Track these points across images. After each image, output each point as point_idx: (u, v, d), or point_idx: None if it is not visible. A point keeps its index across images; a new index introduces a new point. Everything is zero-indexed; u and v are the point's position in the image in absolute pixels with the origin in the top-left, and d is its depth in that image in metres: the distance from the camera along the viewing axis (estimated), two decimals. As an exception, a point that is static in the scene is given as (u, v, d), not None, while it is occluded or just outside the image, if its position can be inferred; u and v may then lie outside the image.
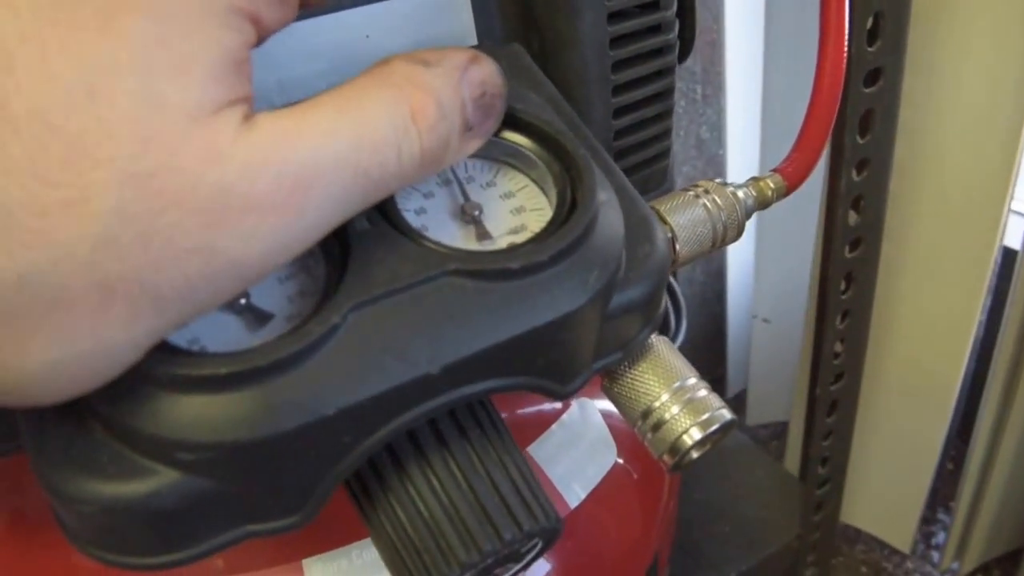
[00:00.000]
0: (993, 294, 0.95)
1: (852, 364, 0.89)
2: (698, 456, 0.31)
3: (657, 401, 0.31)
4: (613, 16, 0.36)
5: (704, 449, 0.31)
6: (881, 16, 0.66)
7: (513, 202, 0.30)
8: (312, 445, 0.24)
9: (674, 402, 0.30)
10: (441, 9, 0.34)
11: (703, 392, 0.31)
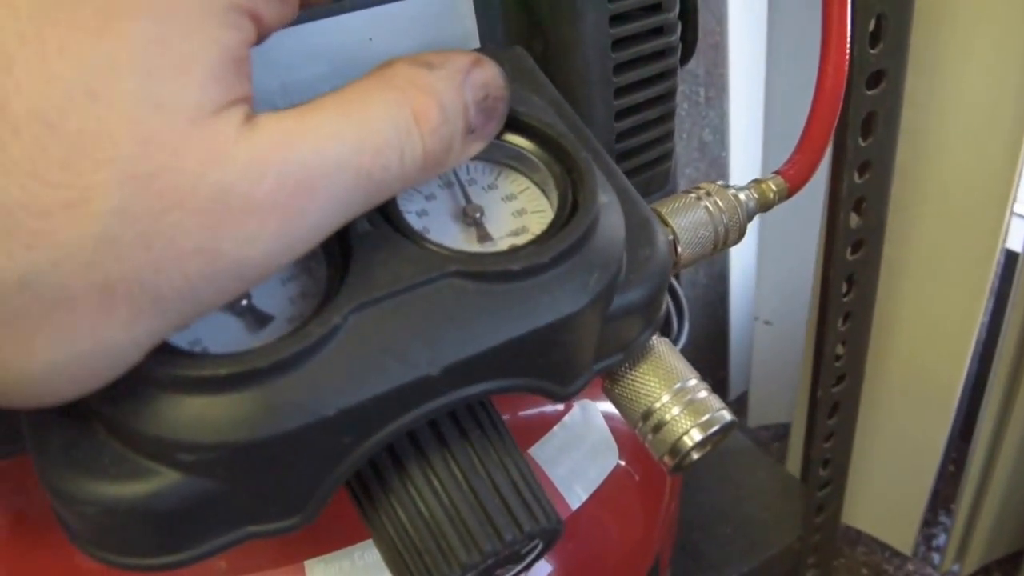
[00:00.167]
0: (995, 296, 0.95)
1: (853, 366, 0.89)
2: (699, 457, 0.31)
3: (658, 402, 0.31)
4: (615, 19, 0.36)
5: (705, 450, 0.31)
6: (883, 18, 0.66)
7: (514, 204, 0.30)
8: (313, 446, 0.24)
9: (675, 403, 0.31)
10: (444, 12, 0.34)
11: (704, 393, 0.31)
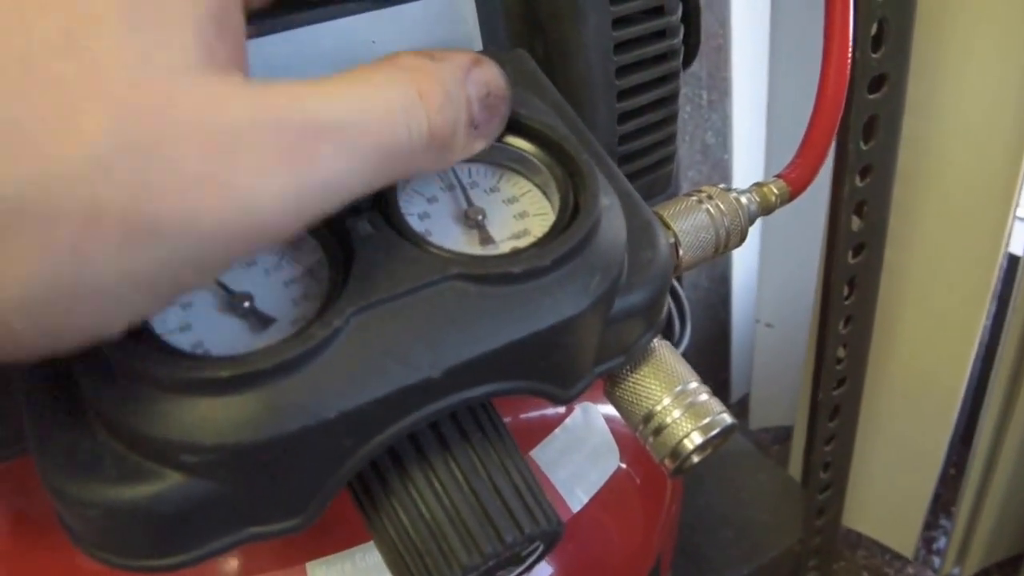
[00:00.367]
0: (997, 300, 0.95)
1: (854, 369, 0.89)
2: (699, 460, 0.31)
3: (659, 405, 0.31)
4: (618, 21, 0.36)
5: (705, 453, 0.31)
6: (885, 22, 0.66)
7: (516, 207, 0.30)
8: (314, 448, 0.24)
9: (675, 406, 0.31)
10: (447, 15, 0.34)
11: (704, 396, 0.31)
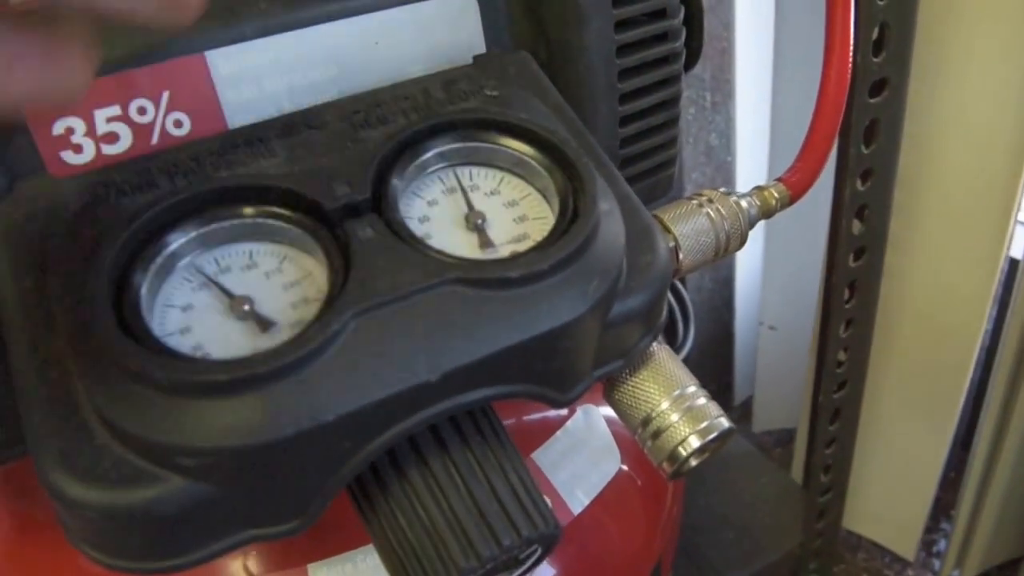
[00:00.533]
0: (998, 304, 0.95)
1: (855, 373, 0.89)
2: (697, 464, 0.31)
3: (657, 409, 0.31)
4: (620, 24, 0.36)
5: (703, 457, 0.31)
6: (887, 27, 0.66)
7: (516, 211, 0.30)
8: (313, 451, 0.24)
9: (673, 410, 0.31)
10: (450, 17, 0.34)
11: (702, 400, 0.31)
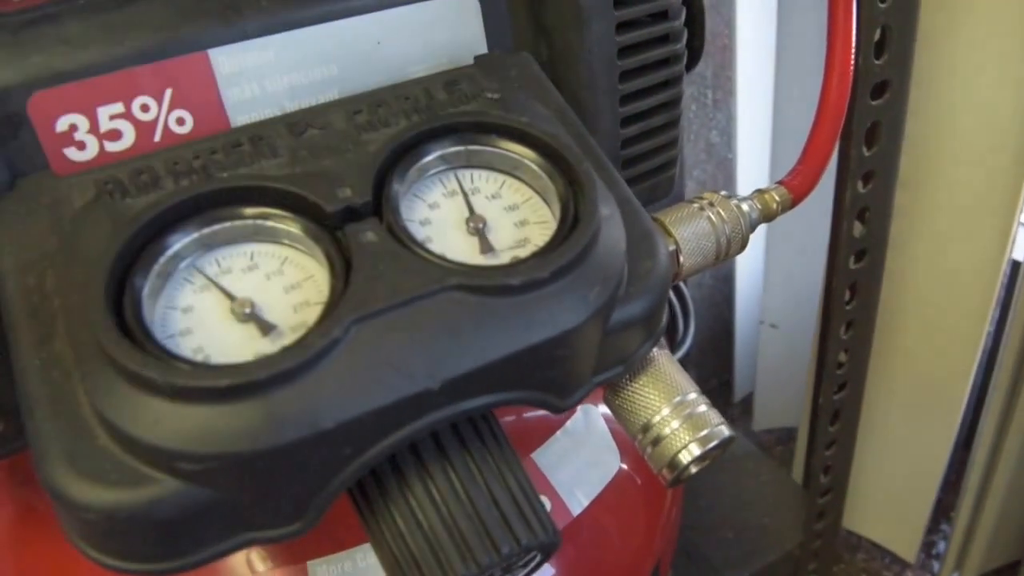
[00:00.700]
0: (1001, 307, 0.95)
1: (855, 374, 0.89)
2: (697, 471, 0.31)
3: (657, 415, 0.31)
4: (622, 26, 0.36)
5: (703, 464, 0.31)
6: (888, 29, 0.66)
7: (517, 215, 0.30)
8: (312, 457, 0.24)
9: (674, 417, 0.31)
10: (452, 17, 0.34)
11: (703, 407, 0.31)
